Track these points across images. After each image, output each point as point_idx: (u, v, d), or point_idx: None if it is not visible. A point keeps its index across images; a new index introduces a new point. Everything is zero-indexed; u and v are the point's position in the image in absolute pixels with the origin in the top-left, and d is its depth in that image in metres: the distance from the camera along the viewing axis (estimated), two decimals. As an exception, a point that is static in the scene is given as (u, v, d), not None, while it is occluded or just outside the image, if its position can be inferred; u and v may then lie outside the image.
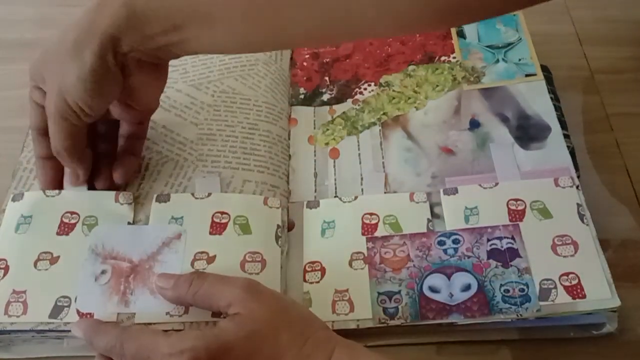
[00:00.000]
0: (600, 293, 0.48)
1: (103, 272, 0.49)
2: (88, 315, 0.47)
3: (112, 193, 0.53)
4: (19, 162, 0.56)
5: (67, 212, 0.52)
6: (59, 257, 0.50)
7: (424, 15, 0.43)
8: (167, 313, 0.47)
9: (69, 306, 0.47)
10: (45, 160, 0.52)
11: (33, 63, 0.49)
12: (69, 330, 0.46)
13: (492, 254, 0.50)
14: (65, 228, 0.51)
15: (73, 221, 0.51)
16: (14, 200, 0.53)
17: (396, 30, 0.51)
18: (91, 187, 0.54)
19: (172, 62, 0.52)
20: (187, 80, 0.62)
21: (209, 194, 0.53)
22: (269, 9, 0.45)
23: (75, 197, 0.52)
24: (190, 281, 0.45)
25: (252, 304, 0.43)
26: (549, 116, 0.58)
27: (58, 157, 0.50)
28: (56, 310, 0.47)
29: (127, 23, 0.46)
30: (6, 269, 0.49)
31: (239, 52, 0.61)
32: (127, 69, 0.48)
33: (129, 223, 0.52)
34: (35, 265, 0.49)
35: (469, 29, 0.66)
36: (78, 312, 0.47)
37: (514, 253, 0.50)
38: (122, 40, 0.46)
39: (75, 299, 0.48)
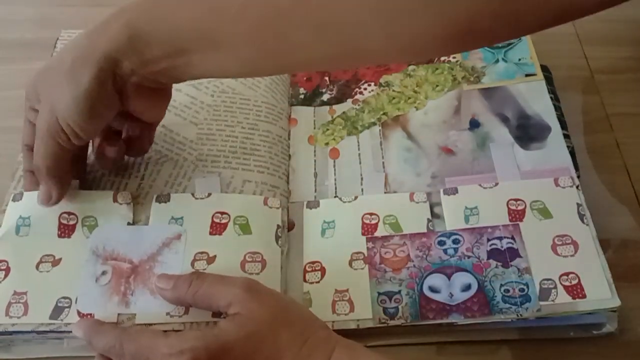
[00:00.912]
0: (600, 293, 0.48)
1: (103, 272, 0.49)
2: (88, 316, 0.47)
3: (111, 193, 0.53)
4: (18, 161, 0.56)
5: (64, 213, 0.51)
6: (61, 259, 0.50)
7: (432, 42, 0.42)
8: (168, 313, 0.47)
9: (69, 307, 0.47)
10: (33, 175, 0.51)
11: (29, 81, 0.48)
12: (70, 331, 0.46)
13: (492, 254, 0.50)
14: (65, 230, 0.51)
15: (72, 222, 0.51)
16: (14, 200, 0.53)
17: (405, 56, 0.51)
18: (83, 187, 0.53)
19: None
20: (187, 80, 0.62)
21: (209, 194, 0.53)
22: (273, 35, 0.44)
23: (71, 197, 0.52)
24: (189, 281, 0.45)
25: (252, 303, 0.43)
26: (549, 116, 0.58)
27: (35, 172, 0.49)
28: (57, 311, 0.47)
29: (128, 45, 0.44)
30: (7, 271, 0.49)
31: (243, 76, 0.60)
32: (125, 94, 0.47)
33: (128, 223, 0.52)
34: (37, 267, 0.49)
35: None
36: (79, 312, 0.47)
37: (514, 253, 0.50)
38: (123, 63, 0.45)
39: (76, 299, 0.48)
